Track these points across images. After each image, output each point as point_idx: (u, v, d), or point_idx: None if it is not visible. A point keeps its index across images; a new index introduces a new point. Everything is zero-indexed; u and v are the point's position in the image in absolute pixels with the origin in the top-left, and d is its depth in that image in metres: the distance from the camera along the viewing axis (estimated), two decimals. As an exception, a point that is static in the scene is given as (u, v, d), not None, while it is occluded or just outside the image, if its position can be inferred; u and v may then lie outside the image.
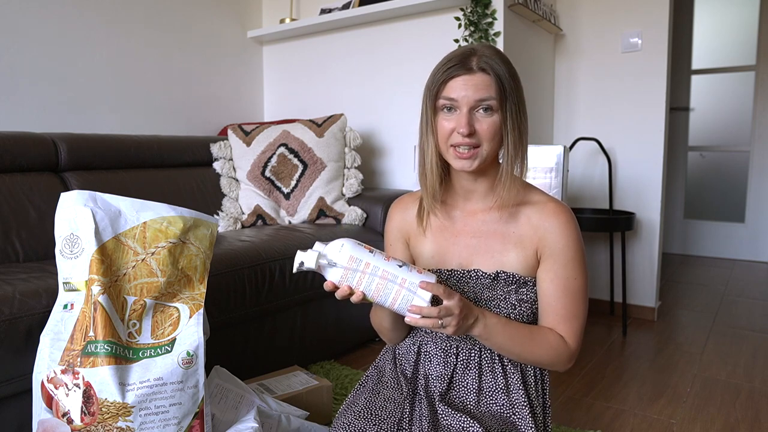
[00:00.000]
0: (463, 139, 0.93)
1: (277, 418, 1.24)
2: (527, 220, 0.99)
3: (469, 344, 1.00)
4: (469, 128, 0.93)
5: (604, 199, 2.57)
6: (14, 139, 1.74)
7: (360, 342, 2.12)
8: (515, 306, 0.97)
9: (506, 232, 1.00)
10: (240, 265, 1.60)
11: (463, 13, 2.18)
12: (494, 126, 0.94)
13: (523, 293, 0.98)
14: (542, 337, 0.97)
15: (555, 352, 0.96)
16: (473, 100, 0.93)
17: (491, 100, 0.93)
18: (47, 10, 2.06)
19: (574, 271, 0.98)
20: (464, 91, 0.93)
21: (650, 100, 2.45)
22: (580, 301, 0.98)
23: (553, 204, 0.99)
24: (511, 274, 0.98)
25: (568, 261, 0.97)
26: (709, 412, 1.63)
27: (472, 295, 0.99)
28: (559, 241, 0.97)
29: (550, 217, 0.98)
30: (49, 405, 0.98)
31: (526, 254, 0.99)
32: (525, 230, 0.99)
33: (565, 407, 1.66)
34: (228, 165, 2.28)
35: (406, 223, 1.10)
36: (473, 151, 0.94)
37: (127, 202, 1.05)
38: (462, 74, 0.94)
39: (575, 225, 0.99)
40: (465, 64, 0.94)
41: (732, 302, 2.81)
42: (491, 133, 0.94)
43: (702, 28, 4.01)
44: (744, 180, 3.88)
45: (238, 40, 2.81)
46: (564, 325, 0.98)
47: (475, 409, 0.97)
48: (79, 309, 0.99)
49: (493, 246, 1.00)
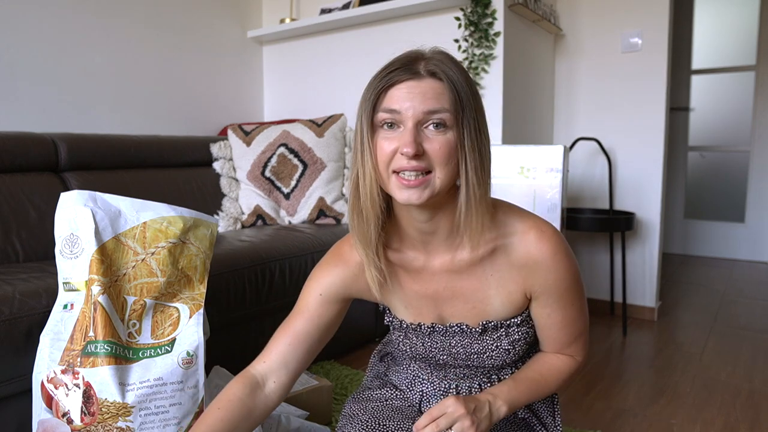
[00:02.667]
0: (408, 163, 0.72)
1: (277, 418, 1.24)
2: (506, 259, 0.82)
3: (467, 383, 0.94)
4: (416, 147, 0.72)
5: (604, 199, 2.57)
6: (14, 139, 1.74)
7: (360, 342, 2.12)
8: (509, 350, 0.88)
9: (483, 277, 0.84)
10: (240, 265, 1.60)
11: (463, 13, 2.18)
12: (448, 145, 0.73)
13: (513, 333, 0.87)
14: (552, 370, 0.90)
15: (568, 376, 0.92)
16: (420, 112, 0.73)
17: (444, 113, 0.73)
18: (47, 10, 2.06)
19: (571, 299, 0.86)
20: (409, 101, 0.73)
21: (650, 100, 2.45)
22: (581, 321, 0.90)
23: (534, 233, 0.81)
24: (498, 322, 0.86)
25: (562, 293, 0.85)
26: (709, 412, 1.62)
27: (462, 350, 0.89)
28: (549, 277, 0.82)
29: (532, 252, 0.81)
30: (49, 405, 0.98)
31: (511, 298, 0.85)
32: (505, 270, 0.83)
33: (565, 407, 1.66)
34: (228, 165, 2.28)
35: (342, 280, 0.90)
36: (422, 178, 0.73)
37: (127, 202, 1.05)
38: (406, 80, 0.74)
39: (563, 250, 0.83)
40: (410, 67, 0.75)
41: (732, 302, 2.81)
42: (445, 155, 0.73)
43: (702, 28, 4.01)
44: (744, 180, 3.88)
45: (238, 40, 2.81)
46: (570, 348, 0.91)
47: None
48: (79, 309, 0.99)
49: (471, 295, 0.85)
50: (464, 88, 0.75)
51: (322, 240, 1.90)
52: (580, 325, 0.90)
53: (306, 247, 1.82)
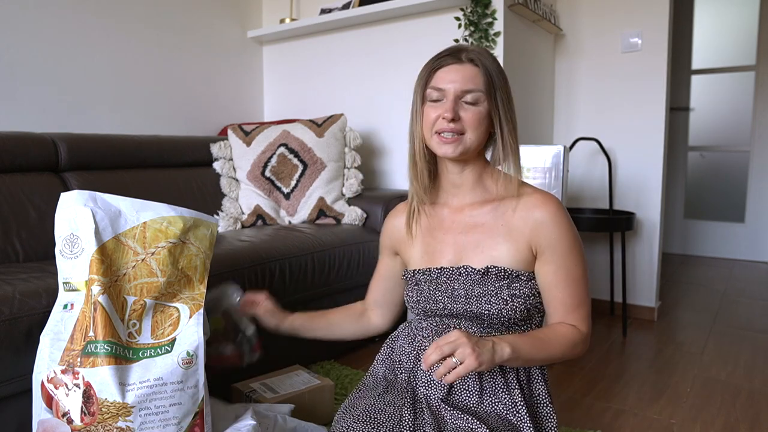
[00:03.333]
0: (447, 125, 0.95)
1: (273, 418, 1.24)
2: (514, 213, 0.98)
3: None
4: (453, 114, 0.94)
5: (604, 199, 2.57)
6: (14, 139, 1.74)
7: (360, 342, 2.11)
8: (507, 301, 0.96)
9: (494, 226, 0.99)
10: (240, 265, 1.60)
11: (463, 13, 2.18)
12: (479, 115, 0.95)
13: (515, 288, 0.97)
14: (557, 334, 0.96)
15: (572, 343, 0.96)
16: (459, 90, 0.95)
17: (477, 92, 0.95)
18: (47, 10, 2.06)
19: (574, 260, 0.97)
20: (451, 82, 0.95)
21: (650, 100, 2.45)
22: (584, 288, 0.99)
23: (540, 194, 0.99)
24: (502, 268, 0.98)
25: (566, 251, 0.97)
26: (709, 412, 1.62)
27: (463, 292, 0.99)
28: (553, 232, 0.96)
29: (538, 208, 0.97)
30: (49, 405, 0.98)
31: (518, 247, 0.98)
32: (514, 222, 0.98)
33: (565, 407, 1.66)
34: (228, 165, 2.28)
35: (395, 230, 1.13)
36: (457, 137, 0.95)
37: (127, 202, 1.05)
38: (451, 63, 0.97)
39: (565, 213, 0.98)
40: (455, 54, 0.98)
41: (732, 302, 2.81)
42: (475, 122, 0.95)
43: (702, 28, 4.01)
44: (744, 180, 3.88)
45: (238, 40, 2.81)
46: (573, 314, 0.98)
47: (479, 410, 0.97)
48: (79, 309, 0.99)
49: (482, 241, 1.00)
50: (496, 74, 0.97)
51: (322, 240, 1.89)
52: (582, 291, 0.99)
53: (306, 247, 1.82)
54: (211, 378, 1.50)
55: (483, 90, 0.95)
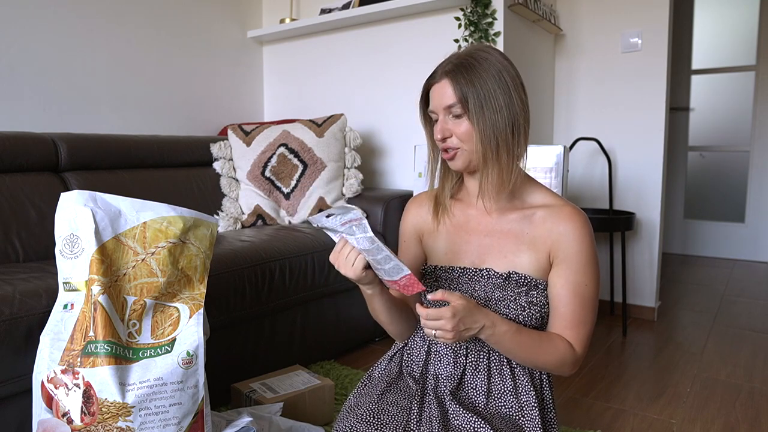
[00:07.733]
0: (443, 144, 0.98)
1: (269, 419, 1.25)
2: (542, 222, 0.98)
3: (478, 346, 1.00)
4: (443, 133, 0.96)
5: (604, 199, 2.57)
6: (14, 139, 1.74)
7: (360, 342, 2.12)
8: (524, 308, 0.96)
9: (520, 233, 0.99)
10: (240, 265, 1.60)
11: (463, 13, 2.18)
12: (466, 128, 0.95)
13: (533, 296, 0.97)
14: (550, 343, 0.95)
15: (561, 358, 0.95)
16: (441, 108, 0.96)
17: (455, 106, 0.94)
18: (47, 10, 2.06)
19: (586, 278, 0.96)
20: (434, 101, 0.97)
21: (650, 100, 2.45)
22: (589, 308, 0.97)
23: (569, 208, 0.98)
24: (523, 275, 0.97)
25: (580, 267, 0.96)
26: (709, 412, 1.62)
27: (483, 294, 0.98)
28: (572, 246, 0.96)
29: (565, 221, 0.96)
30: (49, 405, 0.98)
31: (539, 256, 0.98)
32: (539, 232, 0.98)
33: (565, 407, 1.66)
34: (228, 165, 2.28)
35: (420, 218, 1.11)
36: (454, 151, 0.97)
37: (127, 202, 1.05)
38: (433, 83, 0.97)
39: (589, 231, 0.98)
40: (435, 72, 0.97)
41: (732, 302, 2.81)
42: (465, 134, 0.95)
43: (702, 28, 4.01)
44: (744, 180, 3.88)
45: (238, 40, 2.81)
46: (572, 331, 0.97)
47: (485, 411, 0.97)
48: (79, 309, 0.99)
49: (506, 246, 1.00)
50: (466, 78, 0.92)
51: (322, 240, 1.89)
52: (587, 312, 0.97)
53: (306, 247, 1.82)
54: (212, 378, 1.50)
55: (457, 102, 0.93)
